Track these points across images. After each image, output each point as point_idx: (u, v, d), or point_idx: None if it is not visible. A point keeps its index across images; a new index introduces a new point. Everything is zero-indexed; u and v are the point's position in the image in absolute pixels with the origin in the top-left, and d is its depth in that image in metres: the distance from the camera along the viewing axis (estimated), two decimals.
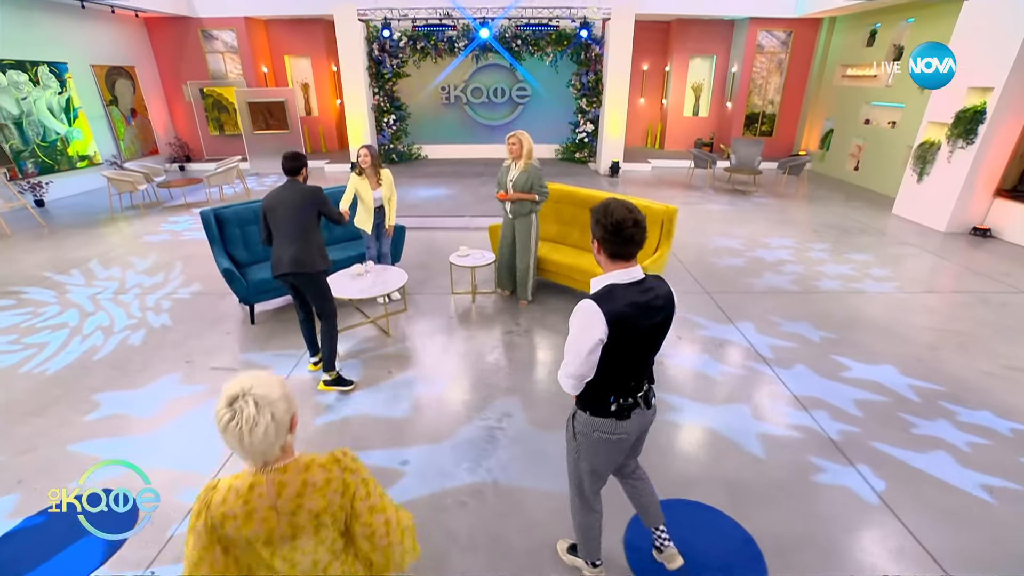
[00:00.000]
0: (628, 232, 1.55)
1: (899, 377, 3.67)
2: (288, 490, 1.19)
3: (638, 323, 1.60)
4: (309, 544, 1.22)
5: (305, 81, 12.22)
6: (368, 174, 4.38)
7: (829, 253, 6.14)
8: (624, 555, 2.32)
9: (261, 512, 1.17)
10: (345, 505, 1.23)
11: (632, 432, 1.82)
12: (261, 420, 1.11)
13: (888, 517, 2.53)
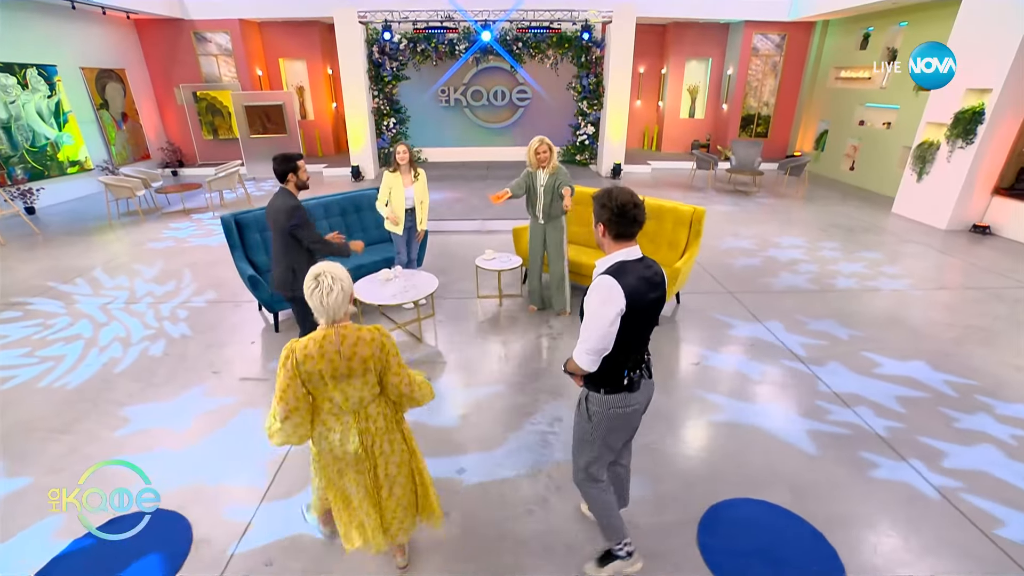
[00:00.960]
0: (632, 213, 1.71)
1: (932, 373, 3.74)
2: (348, 340, 1.75)
3: (646, 296, 1.75)
4: (358, 383, 1.79)
5: (300, 84, 12.05)
6: (403, 171, 4.32)
7: (840, 252, 6.24)
8: (700, 555, 2.30)
9: (329, 354, 1.72)
10: (382, 358, 1.81)
11: (642, 403, 1.96)
12: (335, 288, 1.70)
13: (950, 510, 2.56)
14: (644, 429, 3.12)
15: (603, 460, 2.06)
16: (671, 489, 2.68)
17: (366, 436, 1.89)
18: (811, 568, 2.25)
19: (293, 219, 3.06)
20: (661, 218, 4.66)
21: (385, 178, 4.35)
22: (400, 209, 4.39)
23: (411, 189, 4.40)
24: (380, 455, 1.94)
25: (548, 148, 4.03)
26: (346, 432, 1.87)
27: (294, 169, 3.13)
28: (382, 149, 10.80)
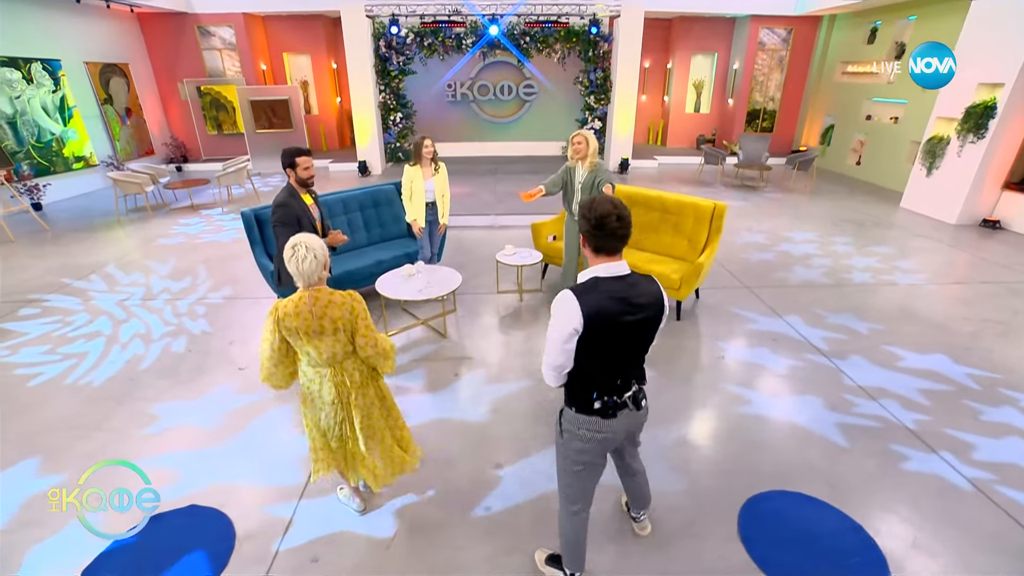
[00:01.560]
0: (611, 227, 1.59)
1: (954, 366, 3.77)
2: (320, 302, 2.00)
3: (620, 318, 1.62)
4: (329, 340, 2.05)
5: (304, 79, 11.96)
6: (424, 164, 4.35)
7: (852, 246, 6.27)
8: (744, 547, 2.32)
9: (304, 314, 1.99)
10: (351, 320, 2.04)
11: (619, 432, 1.84)
12: (308, 256, 1.94)
13: (984, 502, 2.59)
14: (679, 424, 3.15)
15: (578, 483, 1.94)
16: (709, 483, 2.70)
17: (342, 388, 2.16)
18: (852, 559, 2.28)
19: (274, 214, 3.15)
20: (682, 213, 4.66)
21: (406, 172, 4.39)
22: (421, 203, 4.40)
23: (431, 182, 4.44)
24: (355, 407, 2.20)
25: (585, 140, 3.97)
26: (323, 382, 2.15)
27: (292, 165, 3.19)
28: (389, 144, 10.75)
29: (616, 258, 1.65)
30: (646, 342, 1.76)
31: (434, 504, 2.57)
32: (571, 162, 4.16)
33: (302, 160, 3.23)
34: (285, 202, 3.20)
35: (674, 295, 4.34)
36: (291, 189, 3.30)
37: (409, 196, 4.43)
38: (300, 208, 3.25)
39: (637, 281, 1.66)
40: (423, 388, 3.51)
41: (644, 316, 1.66)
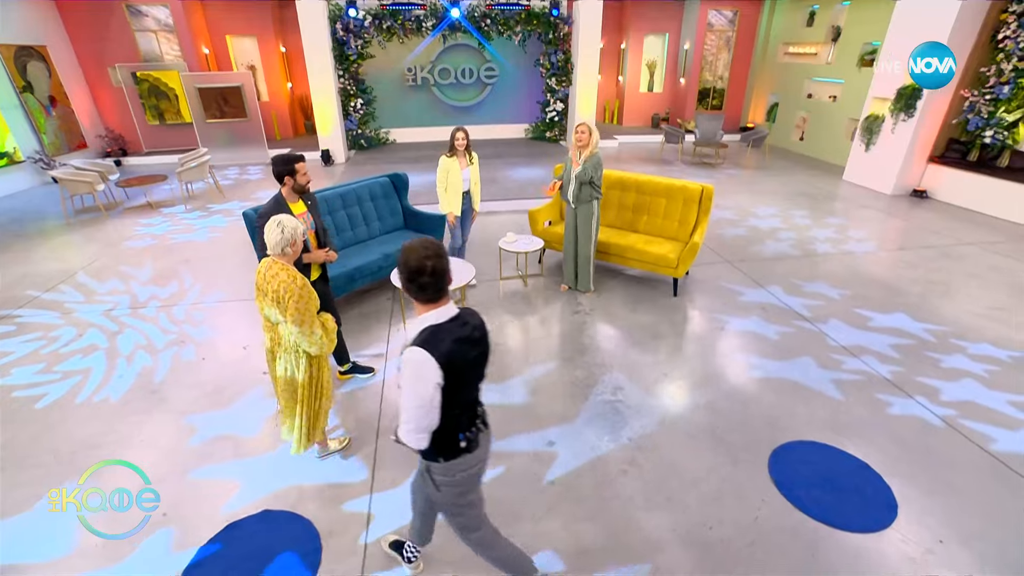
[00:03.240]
0: (423, 280, 1.56)
1: (912, 323, 4.36)
2: (271, 272, 2.36)
3: (467, 356, 1.65)
4: (268, 303, 2.40)
5: (251, 63, 11.29)
6: (459, 154, 4.45)
7: (810, 219, 6.90)
8: (778, 491, 2.69)
9: (258, 275, 2.42)
10: (284, 299, 2.33)
11: (484, 457, 1.89)
12: (275, 230, 2.34)
13: (956, 437, 3.10)
14: (701, 389, 3.49)
15: (475, 518, 1.99)
16: (737, 439, 3.06)
17: (274, 346, 2.55)
18: (865, 490, 2.71)
19: (258, 223, 2.93)
20: (671, 197, 4.98)
21: (442, 163, 4.47)
22: (458, 193, 4.52)
23: (467, 171, 4.56)
24: (277, 367, 2.57)
25: (588, 130, 4.19)
26: (264, 334, 2.57)
27: (291, 172, 3.04)
28: (350, 131, 10.43)
29: (441, 303, 1.64)
30: (484, 374, 1.79)
31: (505, 483, 2.77)
32: (572, 152, 4.36)
33: (301, 166, 3.10)
34: (267, 213, 2.91)
35: (672, 273, 4.69)
36: (279, 199, 3.12)
37: (444, 188, 4.50)
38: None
39: (466, 320, 1.67)
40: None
41: (482, 350, 1.71)
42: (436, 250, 1.58)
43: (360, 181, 5.13)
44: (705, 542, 2.44)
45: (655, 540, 2.44)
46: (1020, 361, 3.83)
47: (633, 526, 2.51)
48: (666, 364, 3.81)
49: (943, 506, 2.63)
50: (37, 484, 2.78)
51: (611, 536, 2.46)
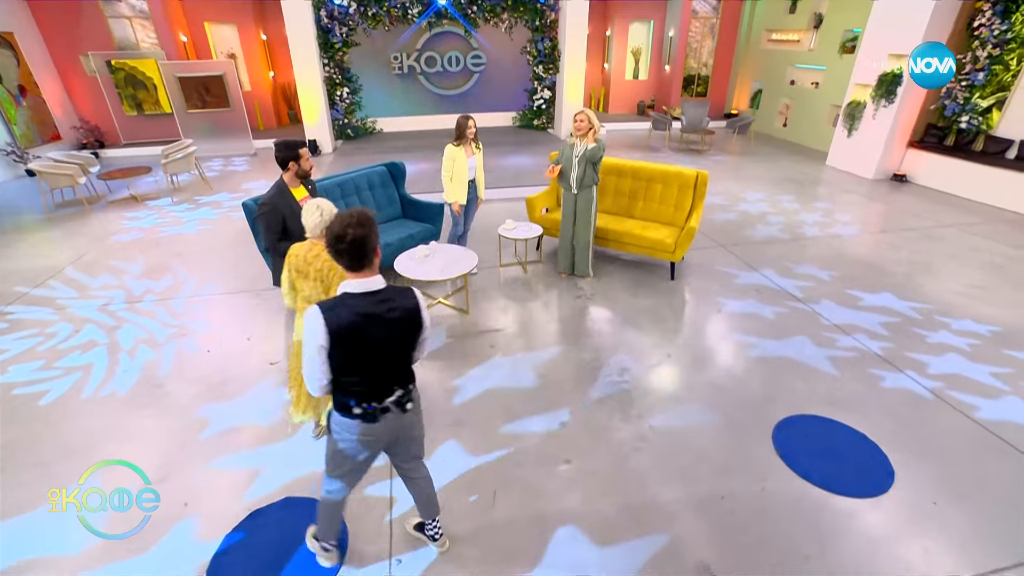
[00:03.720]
0: (340, 247, 1.61)
1: (898, 302, 4.54)
2: (312, 252, 2.49)
3: (369, 332, 1.67)
4: (310, 283, 2.52)
5: (231, 51, 11.00)
6: (467, 142, 4.46)
7: (798, 204, 7.08)
8: (782, 461, 2.82)
9: (299, 257, 2.52)
10: (329, 276, 2.48)
11: (381, 435, 1.89)
12: (315, 213, 2.44)
13: (945, 408, 3.28)
14: (705, 370, 3.60)
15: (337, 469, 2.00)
16: (740, 415, 3.19)
17: None
18: (865, 459, 2.86)
19: (259, 211, 3.12)
20: (667, 182, 5.07)
21: (448, 151, 4.47)
22: (464, 181, 4.53)
23: (473, 159, 4.57)
24: None
25: (587, 118, 4.25)
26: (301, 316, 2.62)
27: (295, 157, 3.12)
28: (336, 121, 10.28)
29: (366, 274, 1.68)
30: (402, 354, 1.80)
31: (521, 463, 2.84)
32: (571, 139, 4.41)
33: (304, 151, 3.17)
34: (270, 201, 3.11)
35: (669, 257, 4.79)
36: (281, 186, 3.19)
37: (450, 176, 4.50)
38: (287, 206, 3.14)
39: (390, 297, 1.70)
40: (466, 364, 3.71)
41: (395, 332, 1.72)
42: (361, 220, 1.63)
43: (358, 170, 5.10)
44: (717, 511, 2.55)
45: (670, 511, 2.55)
46: (999, 335, 4.04)
47: (649, 499, 2.61)
48: (669, 345, 3.92)
49: (935, 471, 2.79)
50: (52, 479, 2.76)
51: (629, 509, 2.56)
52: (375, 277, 1.71)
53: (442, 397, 3.38)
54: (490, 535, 2.45)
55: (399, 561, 2.34)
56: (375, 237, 1.68)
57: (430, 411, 3.22)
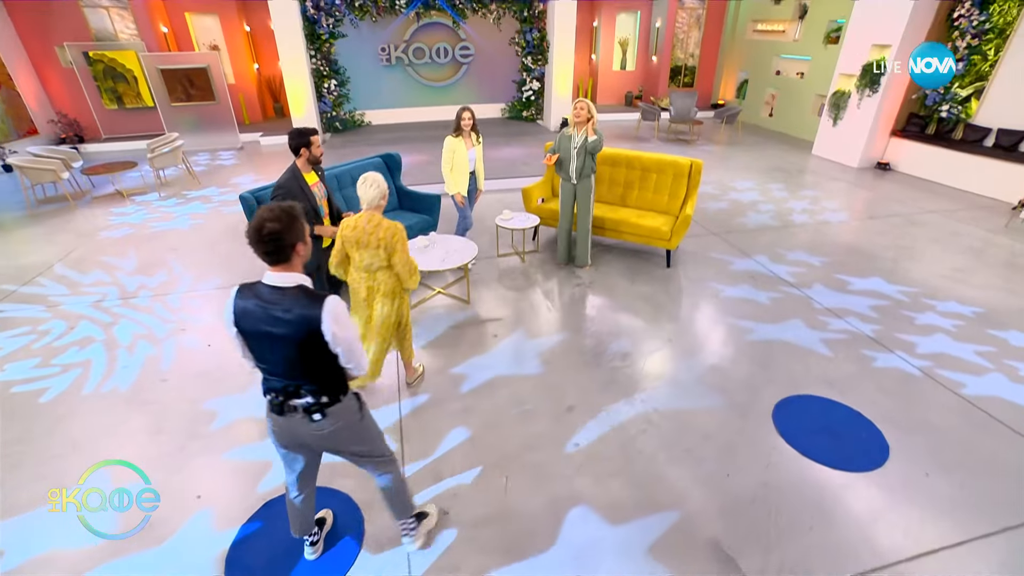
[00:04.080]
0: (256, 239, 1.59)
1: (887, 285, 4.69)
2: (372, 222, 2.69)
3: (257, 325, 1.66)
4: (371, 252, 2.74)
5: (214, 43, 10.76)
6: (465, 134, 4.46)
7: (786, 192, 7.21)
8: (783, 439, 2.92)
9: (359, 228, 2.71)
10: (392, 243, 2.71)
11: (288, 433, 1.88)
12: (372, 187, 2.66)
13: (934, 385, 3.41)
14: (705, 353, 3.69)
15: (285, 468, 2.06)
16: (741, 396, 3.28)
17: (371, 292, 2.91)
18: (860, 435, 2.97)
19: (273, 195, 3.25)
20: (662, 171, 5.14)
21: (448, 142, 4.46)
22: (465, 173, 4.55)
23: (473, 151, 4.57)
24: (374, 309, 2.95)
25: (586, 107, 4.28)
26: (360, 284, 2.90)
27: (307, 144, 3.27)
28: (324, 113, 10.15)
29: (282, 269, 1.66)
30: (306, 358, 1.71)
31: (532, 448, 2.90)
32: (569, 129, 4.45)
33: (315, 139, 3.31)
34: (285, 185, 3.27)
35: (665, 245, 4.87)
36: (295, 171, 3.33)
37: (450, 167, 4.50)
38: (299, 190, 3.29)
39: (284, 298, 1.64)
40: (470, 352, 3.74)
41: (284, 332, 1.64)
42: (280, 216, 1.60)
43: (355, 162, 5.08)
44: (724, 489, 2.64)
45: (679, 490, 2.63)
46: (981, 316, 4.20)
47: (658, 479, 2.69)
48: (669, 330, 4.00)
49: (926, 444, 2.91)
50: (63, 475, 2.74)
51: (639, 489, 2.64)
52: (291, 274, 1.67)
53: (449, 385, 3.41)
54: (504, 518, 2.50)
55: None
56: (296, 235, 1.64)
57: (439, 399, 3.27)
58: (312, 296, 1.67)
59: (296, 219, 1.65)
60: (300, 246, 1.68)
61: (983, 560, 2.31)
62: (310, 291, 1.69)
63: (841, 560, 2.29)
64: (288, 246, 1.64)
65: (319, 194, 3.47)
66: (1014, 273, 4.94)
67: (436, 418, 3.14)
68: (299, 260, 1.71)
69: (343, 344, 1.72)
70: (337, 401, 1.85)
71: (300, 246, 1.68)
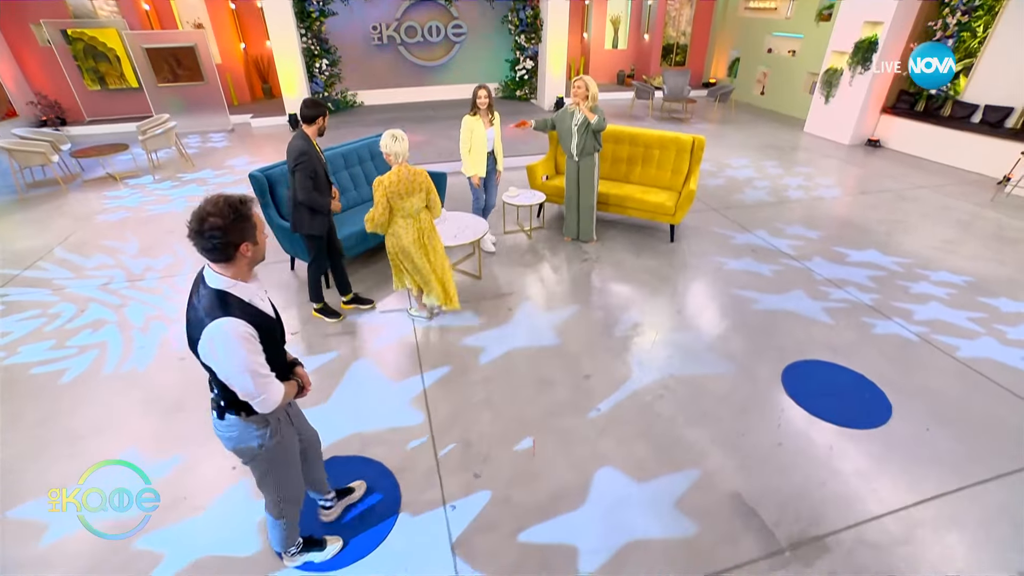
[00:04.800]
0: (192, 235, 1.47)
1: (883, 257, 4.85)
2: (411, 172, 3.19)
3: (187, 319, 1.60)
4: (417, 197, 3.26)
5: (198, 21, 10.44)
6: (482, 114, 4.40)
7: (781, 168, 7.34)
8: (792, 400, 3.07)
9: (403, 180, 3.16)
10: (428, 184, 3.29)
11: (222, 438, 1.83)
12: (399, 142, 3.12)
13: (930, 349, 3.59)
14: (716, 323, 3.83)
15: None
16: (751, 362, 3.42)
17: (420, 233, 3.40)
18: (865, 396, 3.13)
19: (297, 161, 3.31)
20: (664, 147, 5.21)
21: (466, 122, 4.41)
22: (482, 153, 4.49)
23: (491, 131, 4.52)
24: (428, 242, 3.46)
25: (585, 85, 4.27)
26: (408, 229, 3.33)
27: (323, 113, 3.38)
28: (316, 94, 9.97)
29: (221, 270, 1.55)
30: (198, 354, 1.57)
31: (556, 414, 3.00)
32: (571, 106, 4.48)
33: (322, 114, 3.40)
34: (307, 151, 3.33)
35: (669, 220, 4.97)
36: (306, 137, 3.39)
37: (469, 148, 4.45)
38: (317, 157, 3.40)
39: (199, 302, 1.55)
40: (486, 325, 3.82)
41: (190, 331, 1.58)
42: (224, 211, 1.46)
43: (358, 141, 5.06)
44: (740, 447, 2.78)
45: (699, 449, 2.76)
46: (972, 284, 4.39)
47: (677, 440, 2.82)
48: (677, 302, 4.12)
49: (925, 403, 3.09)
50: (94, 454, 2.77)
51: (661, 449, 2.76)
52: (222, 277, 1.54)
53: (469, 356, 3.50)
54: (535, 480, 2.61)
55: (453, 507, 2.48)
56: (240, 234, 1.50)
57: (460, 370, 3.35)
58: (214, 310, 1.51)
59: (245, 218, 1.51)
60: (246, 247, 1.54)
61: (980, 504, 2.48)
62: (222, 303, 1.52)
63: (851, 509, 2.45)
64: (230, 245, 1.49)
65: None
66: (1001, 244, 5.14)
67: (459, 388, 3.23)
68: (244, 262, 1.57)
69: (219, 372, 1.57)
70: (235, 413, 1.71)
71: (246, 247, 1.54)
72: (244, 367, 1.55)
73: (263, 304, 1.69)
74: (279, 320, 1.79)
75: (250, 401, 1.62)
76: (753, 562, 2.22)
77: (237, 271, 1.57)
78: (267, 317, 1.69)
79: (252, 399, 1.62)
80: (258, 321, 1.61)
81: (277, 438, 1.84)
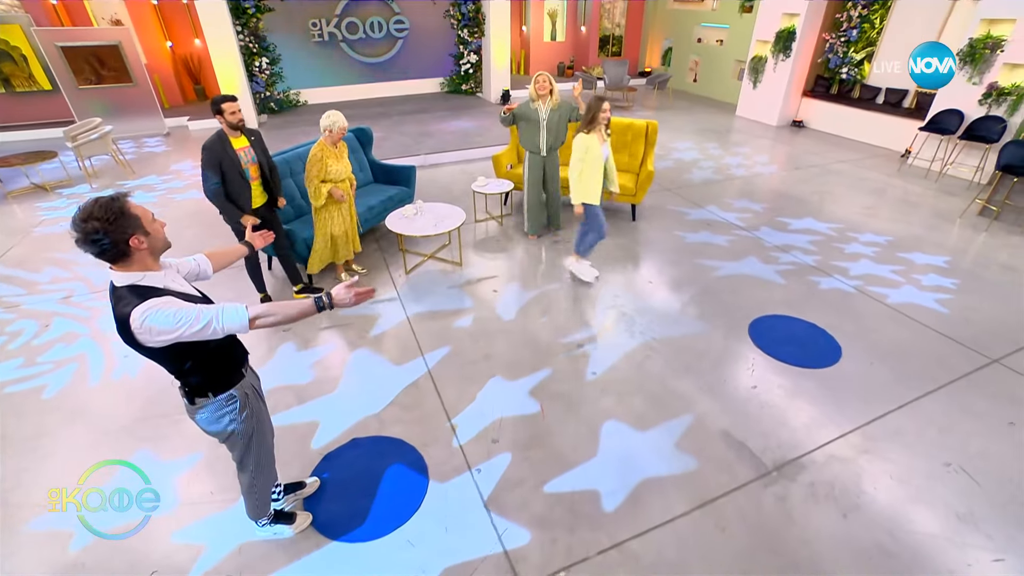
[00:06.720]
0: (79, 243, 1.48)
1: (818, 224, 5.46)
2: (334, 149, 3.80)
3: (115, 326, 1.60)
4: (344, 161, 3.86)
5: (115, 17, 9.74)
6: (599, 130, 3.87)
7: (721, 150, 7.95)
8: (758, 348, 3.48)
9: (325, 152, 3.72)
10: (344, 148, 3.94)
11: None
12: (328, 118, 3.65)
13: (865, 298, 4.15)
14: (684, 290, 4.19)
15: None
16: (720, 321, 3.81)
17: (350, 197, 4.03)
18: (819, 341, 3.60)
19: (201, 155, 3.38)
20: (621, 133, 5.55)
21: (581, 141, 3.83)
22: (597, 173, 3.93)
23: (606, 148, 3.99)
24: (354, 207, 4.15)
25: (548, 81, 4.41)
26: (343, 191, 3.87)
27: (219, 111, 3.34)
28: (257, 94, 9.60)
29: (120, 268, 1.57)
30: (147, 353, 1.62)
31: (557, 380, 3.24)
32: (533, 102, 4.54)
33: (228, 106, 3.37)
34: (211, 147, 3.39)
35: (631, 200, 5.32)
36: (220, 133, 3.44)
37: (579, 172, 3.80)
38: (223, 152, 3.40)
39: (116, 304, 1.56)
40: (475, 308, 3.99)
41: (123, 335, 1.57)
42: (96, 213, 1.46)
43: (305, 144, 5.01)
44: (723, 392, 3.14)
45: (689, 398, 3.09)
46: (892, 243, 5.05)
47: (669, 392, 3.14)
48: (648, 274, 4.47)
49: (867, 343, 3.59)
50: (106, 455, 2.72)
51: (656, 401, 3.07)
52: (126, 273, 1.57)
53: (464, 337, 3.66)
54: (549, 439, 2.84)
55: (479, 471, 2.66)
56: (122, 230, 1.50)
57: (458, 350, 3.51)
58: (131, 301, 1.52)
59: (121, 214, 1.50)
60: (137, 240, 1.54)
61: (915, 417, 2.98)
62: (136, 293, 1.54)
63: (819, 433, 2.87)
64: (119, 243, 1.50)
65: (246, 158, 3.51)
66: (909, 208, 5.91)
67: (461, 366, 3.39)
68: (143, 255, 1.59)
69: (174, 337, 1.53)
70: (203, 395, 1.83)
71: (137, 240, 1.54)
72: (189, 316, 1.52)
73: (183, 287, 1.72)
74: (207, 299, 1.82)
75: (233, 329, 1.60)
76: (748, 484, 2.57)
77: (140, 264, 1.59)
78: (190, 296, 1.70)
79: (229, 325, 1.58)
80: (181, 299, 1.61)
81: (247, 411, 1.96)
